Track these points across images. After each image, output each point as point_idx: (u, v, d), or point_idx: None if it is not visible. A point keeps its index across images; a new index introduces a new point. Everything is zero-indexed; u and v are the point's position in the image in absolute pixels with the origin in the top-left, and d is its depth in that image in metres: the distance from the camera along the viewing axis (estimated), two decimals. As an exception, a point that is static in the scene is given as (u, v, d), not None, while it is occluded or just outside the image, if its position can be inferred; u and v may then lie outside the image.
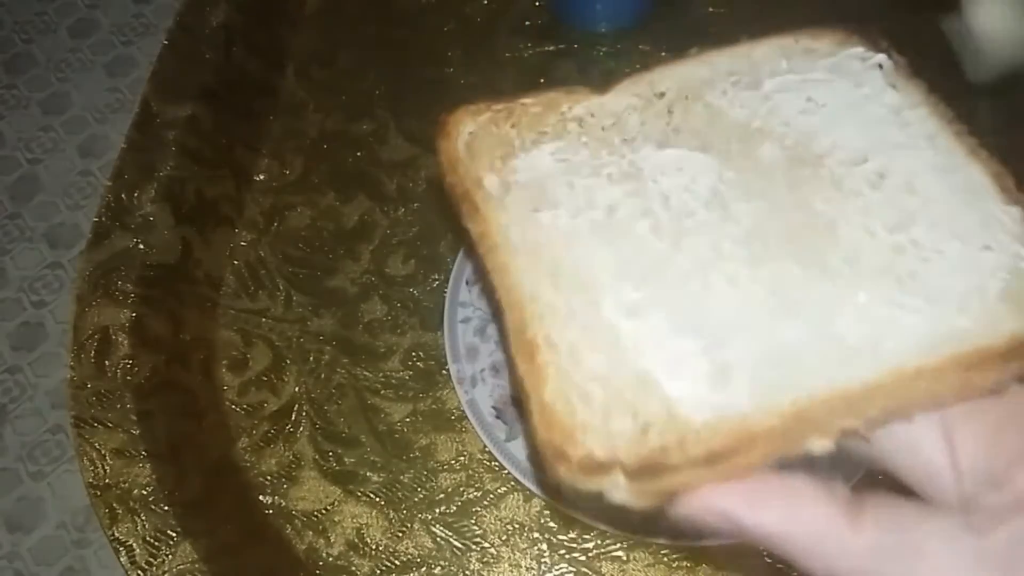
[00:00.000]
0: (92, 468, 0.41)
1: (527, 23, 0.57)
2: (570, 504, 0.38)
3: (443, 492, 0.44)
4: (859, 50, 0.24)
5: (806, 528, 0.18)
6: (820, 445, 0.18)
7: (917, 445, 0.18)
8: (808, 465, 0.19)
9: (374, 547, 0.43)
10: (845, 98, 0.23)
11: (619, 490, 0.18)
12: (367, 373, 0.47)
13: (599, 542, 0.43)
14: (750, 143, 0.22)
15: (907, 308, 0.19)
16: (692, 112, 0.23)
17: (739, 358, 0.19)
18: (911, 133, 0.22)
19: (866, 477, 0.20)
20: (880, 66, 0.23)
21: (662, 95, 0.23)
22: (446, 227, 0.51)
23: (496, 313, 0.42)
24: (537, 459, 0.20)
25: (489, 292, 0.21)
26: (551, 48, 0.56)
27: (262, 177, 0.53)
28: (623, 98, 0.24)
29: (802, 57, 0.24)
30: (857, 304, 0.19)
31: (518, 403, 0.44)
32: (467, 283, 0.47)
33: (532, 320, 0.20)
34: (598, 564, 0.42)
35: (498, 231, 0.21)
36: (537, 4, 0.58)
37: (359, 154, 0.54)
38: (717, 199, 0.21)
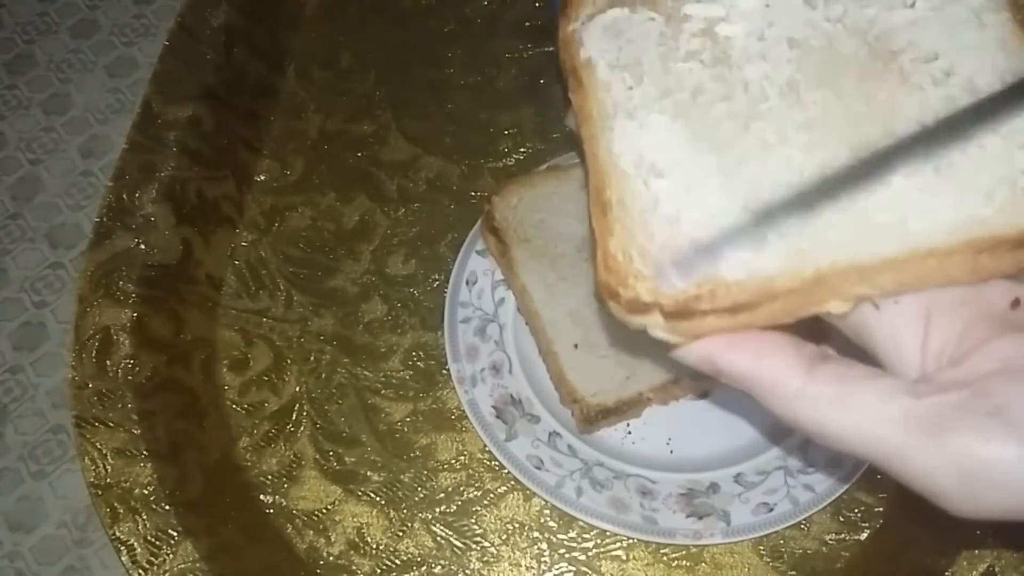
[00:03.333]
0: (93, 468, 0.41)
1: (527, 23, 0.57)
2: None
3: (443, 492, 0.44)
4: None
5: (769, 372, 0.21)
6: (836, 307, 0.21)
7: (896, 322, 0.20)
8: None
9: (375, 546, 0.43)
10: None
11: (657, 327, 0.21)
12: (367, 373, 0.48)
13: (599, 541, 0.43)
14: (835, 38, 0.24)
15: (937, 194, 0.21)
16: (788, 5, 0.25)
17: (778, 228, 0.21)
18: (985, 35, 0.23)
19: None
20: None
21: None
22: (446, 227, 0.51)
23: (584, 176, 0.44)
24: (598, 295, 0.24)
25: (581, 158, 0.25)
26: (551, 48, 0.56)
27: (263, 177, 0.54)
28: None
29: None
30: (892, 187, 0.21)
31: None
32: (467, 283, 0.47)
33: (610, 183, 0.23)
34: (598, 563, 0.42)
35: (595, 104, 0.24)
36: (537, 4, 0.58)
37: (359, 154, 0.54)
38: (791, 88, 0.23)
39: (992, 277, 0.20)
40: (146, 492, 0.40)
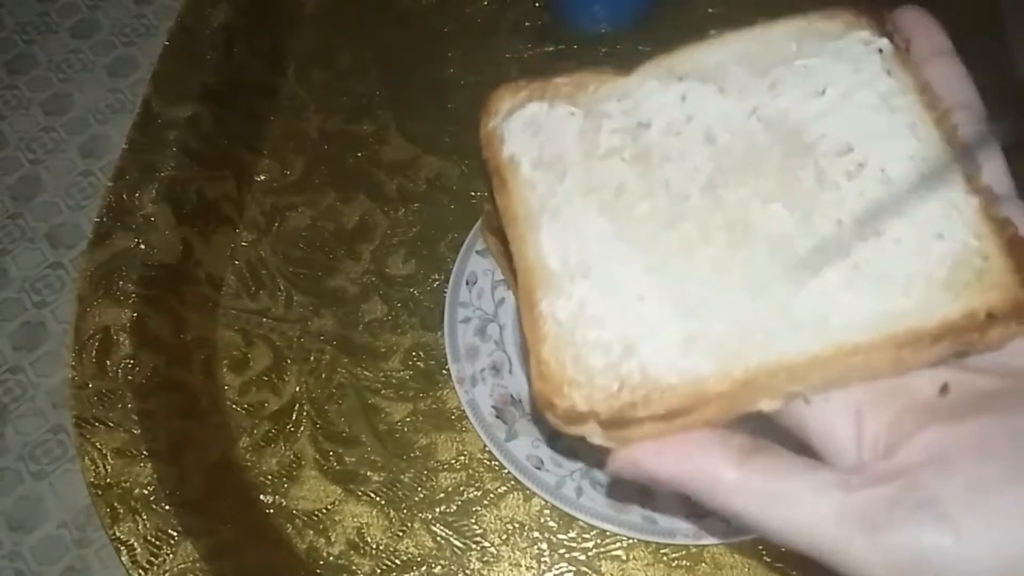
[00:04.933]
0: (93, 468, 0.41)
1: (527, 23, 0.57)
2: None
3: (443, 492, 0.44)
4: (865, 33, 0.25)
5: (700, 472, 0.21)
6: (768, 405, 0.21)
7: (829, 418, 0.21)
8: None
9: (375, 546, 0.43)
10: (843, 84, 0.24)
11: (596, 436, 0.21)
12: (367, 373, 0.48)
13: (599, 541, 0.43)
14: (751, 132, 0.24)
15: (857, 290, 0.21)
16: (704, 99, 0.24)
17: (706, 329, 0.21)
18: (895, 121, 0.23)
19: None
20: (880, 51, 0.24)
21: (679, 79, 0.25)
22: (446, 227, 0.51)
23: (512, 278, 0.44)
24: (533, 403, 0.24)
25: (509, 259, 0.24)
26: (551, 49, 0.56)
27: (263, 177, 0.54)
28: (644, 81, 0.25)
29: (813, 39, 0.25)
30: (814, 284, 0.21)
31: (524, 354, 0.44)
32: (467, 283, 0.47)
33: (538, 287, 0.22)
34: (598, 563, 0.42)
35: (520, 204, 0.24)
36: (537, 4, 0.58)
37: (359, 154, 0.54)
38: (711, 186, 0.23)
39: (915, 370, 0.20)
40: (146, 492, 0.40)
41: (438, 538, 0.43)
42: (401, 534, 0.44)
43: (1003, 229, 0.21)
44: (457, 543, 0.43)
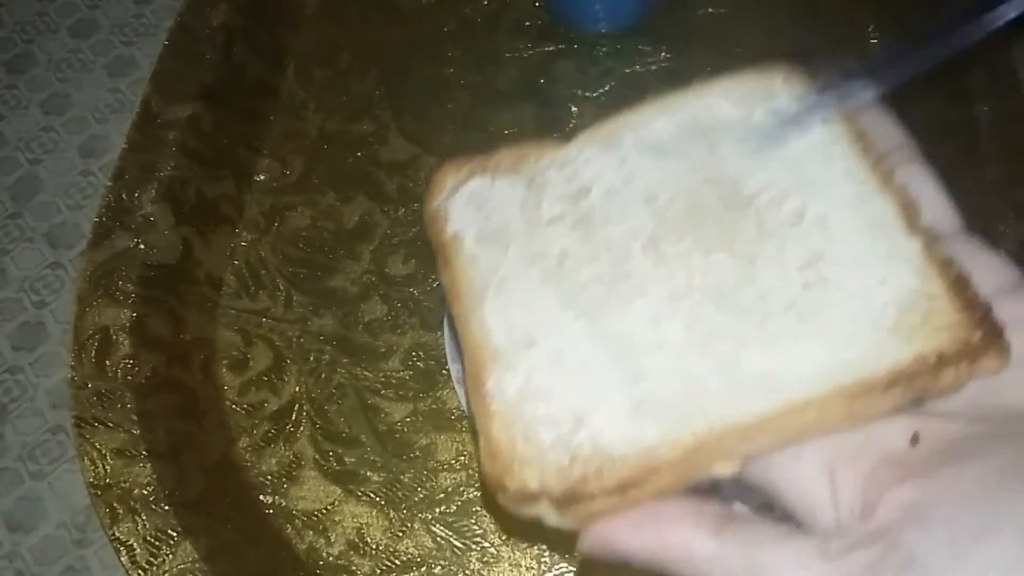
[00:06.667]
0: (93, 468, 0.41)
1: (527, 23, 0.57)
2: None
3: (443, 492, 0.44)
4: (797, 87, 0.25)
5: (676, 547, 0.20)
6: (723, 468, 0.20)
7: (802, 480, 0.20)
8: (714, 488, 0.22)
9: (374, 547, 0.43)
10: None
11: (550, 516, 0.20)
12: (367, 373, 0.47)
13: (599, 542, 0.43)
14: (690, 190, 0.24)
15: (803, 341, 0.20)
16: (643, 162, 0.25)
17: (653, 392, 0.20)
18: (832, 170, 0.23)
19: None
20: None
21: (618, 145, 0.25)
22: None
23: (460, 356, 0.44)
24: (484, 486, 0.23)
25: (456, 336, 0.24)
26: (551, 48, 0.56)
27: (262, 177, 0.54)
28: (584, 148, 0.26)
29: (745, 97, 0.25)
30: (760, 340, 0.21)
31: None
32: (467, 283, 0.47)
33: (485, 364, 0.22)
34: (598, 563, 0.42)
35: (465, 281, 0.24)
36: (537, 4, 0.58)
37: (359, 154, 0.54)
38: (653, 243, 0.23)
39: (872, 420, 0.20)
40: (145, 492, 0.40)
41: (438, 538, 0.43)
42: (401, 534, 0.44)
43: (947, 270, 0.21)
44: (457, 543, 0.43)
